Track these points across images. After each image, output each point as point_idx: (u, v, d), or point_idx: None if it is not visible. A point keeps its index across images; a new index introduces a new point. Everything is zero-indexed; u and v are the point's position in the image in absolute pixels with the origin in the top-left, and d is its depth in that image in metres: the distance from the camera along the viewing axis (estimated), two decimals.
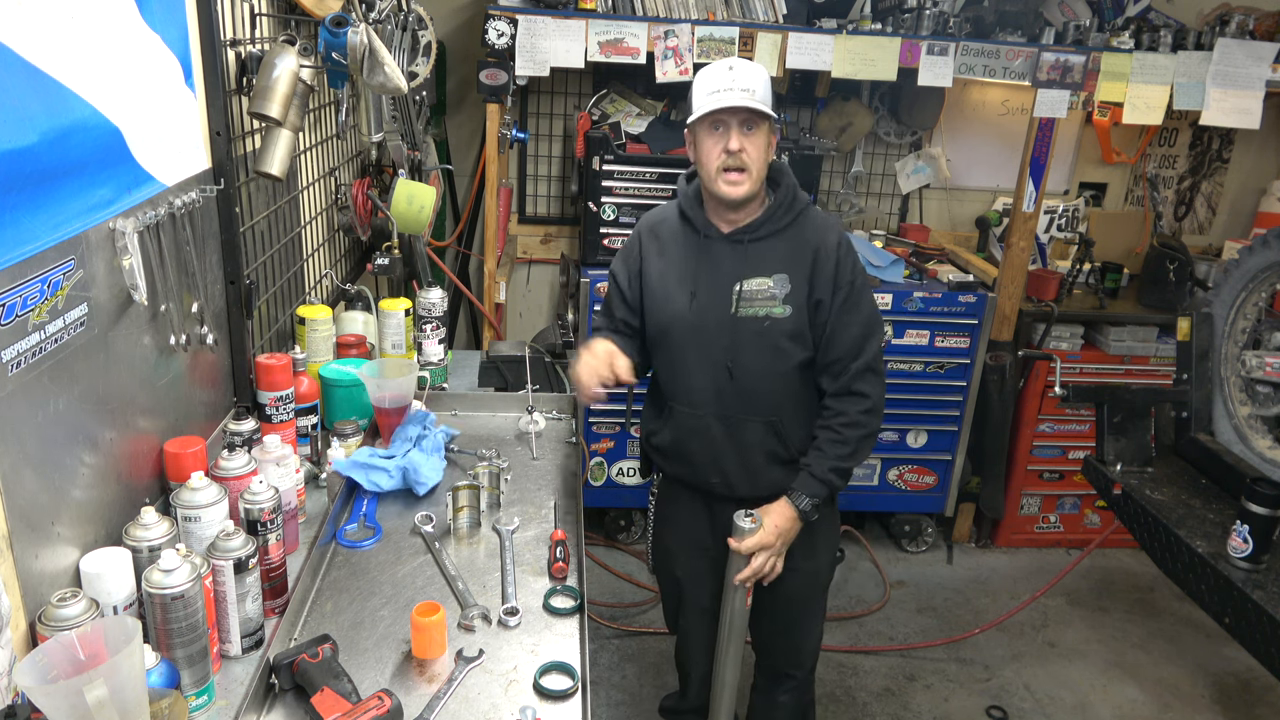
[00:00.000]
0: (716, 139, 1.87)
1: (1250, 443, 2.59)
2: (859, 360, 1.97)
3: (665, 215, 2.09)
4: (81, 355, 1.29)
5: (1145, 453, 2.71)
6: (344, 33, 1.82)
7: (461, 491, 1.80)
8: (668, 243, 2.04)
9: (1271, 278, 2.59)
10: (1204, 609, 2.29)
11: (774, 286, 1.95)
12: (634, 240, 2.10)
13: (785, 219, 1.98)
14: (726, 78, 1.85)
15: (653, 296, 2.04)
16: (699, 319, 1.98)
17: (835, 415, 1.99)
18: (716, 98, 1.84)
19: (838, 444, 1.98)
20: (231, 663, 1.39)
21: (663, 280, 2.02)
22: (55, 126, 1.21)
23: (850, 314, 1.96)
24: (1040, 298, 3.75)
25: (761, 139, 1.89)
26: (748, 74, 1.86)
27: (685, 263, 2.00)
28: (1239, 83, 3.30)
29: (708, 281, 1.97)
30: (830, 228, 2.01)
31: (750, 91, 1.84)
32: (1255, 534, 2.18)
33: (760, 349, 1.97)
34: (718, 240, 1.99)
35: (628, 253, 2.11)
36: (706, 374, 2.00)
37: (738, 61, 1.89)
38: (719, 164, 1.88)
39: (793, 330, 1.96)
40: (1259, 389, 2.64)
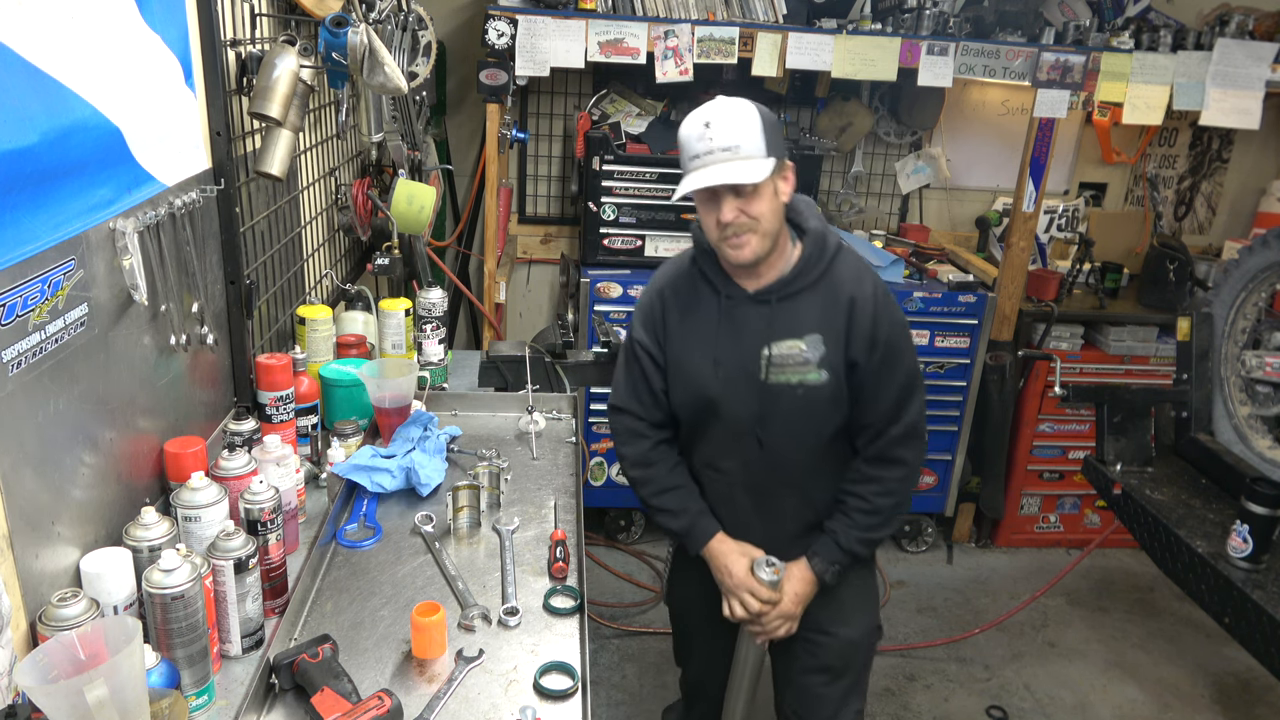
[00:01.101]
0: (709, 209, 1.67)
1: (1250, 443, 2.59)
2: (898, 425, 1.79)
3: (684, 271, 1.87)
4: (82, 355, 1.29)
5: (1145, 453, 2.71)
6: (344, 33, 1.82)
7: (461, 491, 1.80)
8: (688, 304, 1.83)
9: (1271, 278, 2.60)
10: (1204, 609, 2.29)
11: (807, 350, 1.74)
12: (654, 301, 1.87)
13: (816, 271, 1.76)
14: (704, 139, 1.62)
15: (676, 364, 1.84)
16: (725, 389, 1.78)
17: (868, 482, 1.83)
18: (697, 168, 1.63)
19: (868, 514, 1.82)
20: (231, 663, 1.39)
21: (685, 347, 1.82)
22: (55, 126, 1.21)
23: (888, 372, 1.76)
24: (1040, 298, 3.75)
25: (764, 194, 1.65)
26: (728, 127, 1.61)
27: (707, 326, 1.80)
28: (1239, 83, 3.30)
29: (732, 347, 1.77)
30: (864, 276, 1.79)
31: (733, 149, 1.60)
32: (1255, 534, 2.18)
33: (793, 418, 1.78)
34: (741, 301, 1.77)
35: (649, 316, 1.88)
36: (734, 445, 1.84)
37: (715, 111, 1.63)
38: (716, 235, 1.69)
39: (830, 397, 1.76)
40: (1259, 389, 2.64)
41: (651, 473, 1.91)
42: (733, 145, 1.61)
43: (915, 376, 1.83)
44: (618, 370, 1.95)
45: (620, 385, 1.93)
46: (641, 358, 1.87)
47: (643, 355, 1.87)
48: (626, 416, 1.91)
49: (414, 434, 2.04)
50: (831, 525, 1.86)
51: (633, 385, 1.89)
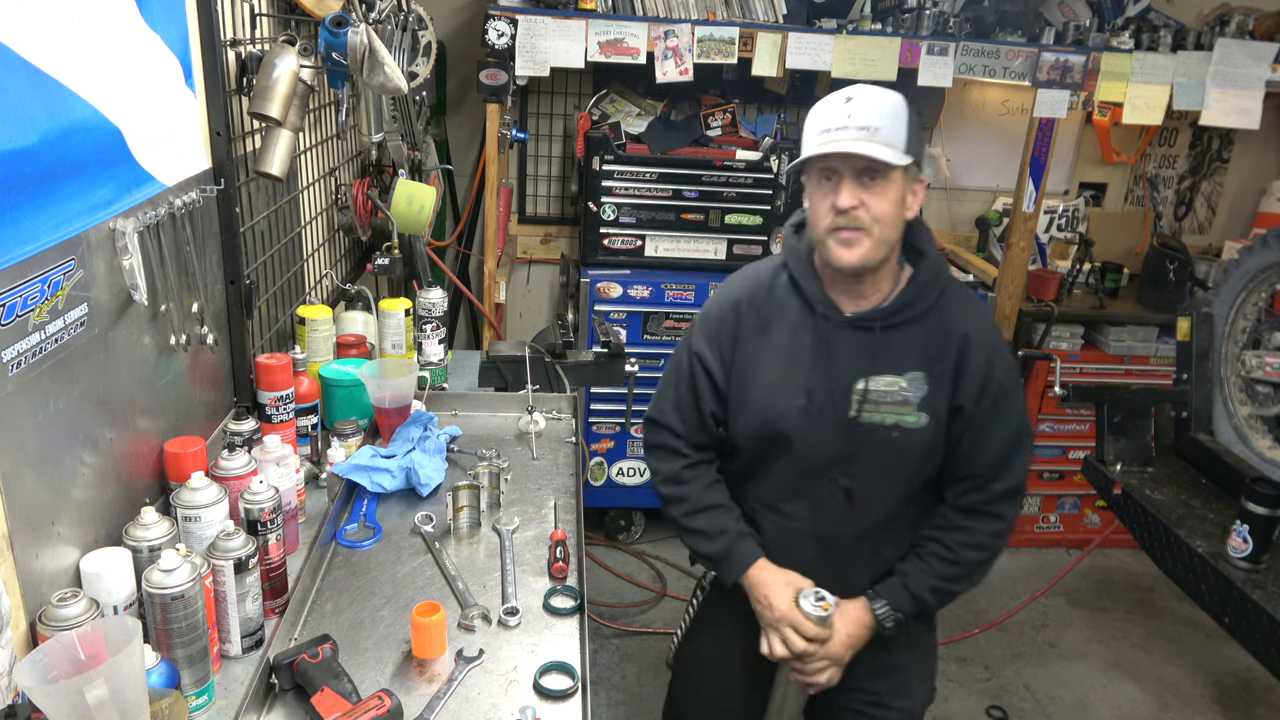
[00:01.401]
0: (825, 192, 1.48)
1: (1250, 443, 2.59)
2: (1004, 482, 1.59)
3: (767, 281, 1.64)
4: (82, 355, 1.29)
5: (1145, 453, 2.71)
6: (344, 33, 1.82)
7: (461, 491, 1.80)
8: (769, 321, 1.61)
9: (1271, 278, 2.60)
10: (1204, 609, 2.29)
11: (907, 388, 1.54)
12: (726, 313, 1.64)
13: (926, 301, 1.56)
14: (841, 112, 1.45)
15: (744, 389, 1.62)
16: (805, 423, 1.57)
17: (956, 530, 1.61)
18: (826, 138, 1.45)
19: (949, 563, 1.60)
20: (231, 663, 1.39)
21: (761, 370, 1.60)
22: (55, 126, 1.21)
23: (997, 423, 1.57)
24: (1040, 298, 3.75)
25: (890, 192, 1.46)
26: (869, 106, 1.45)
27: (793, 350, 1.58)
28: (1239, 83, 3.30)
29: (821, 376, 1.56)
30: (979, 313, 1.60)
31: (870, 130, 1.42)
32: (1255, 534, 2.18)
33: (882, 465, 1.58)
34: (839, 325, 1.56)
35: (716, 329, 1.65)
36: (806, 487, 1.63)
37: (860, 90, 1.47)
38: (827, 223, 1.48)
39: (927, 443, 1.57)
40: (1259, 389, 2.64)
41: (685, 490, 1.70)
42: (870, 125, 1.43)
43: (1026, 429, 1.62)
44: (664, 382, 1.75)
45: (665, 399, 1.73)
46: (697, 376, 1.66)
47: (699, 373, 1.66)
48: (665, 433, 1.72)
49: (414, 434, 2.04)
50: (903, 567, 1.64)
51: (679, 403, 1.69)
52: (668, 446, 1.73)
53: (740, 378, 1.63)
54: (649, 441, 1.77)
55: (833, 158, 1.45)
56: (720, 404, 1.66)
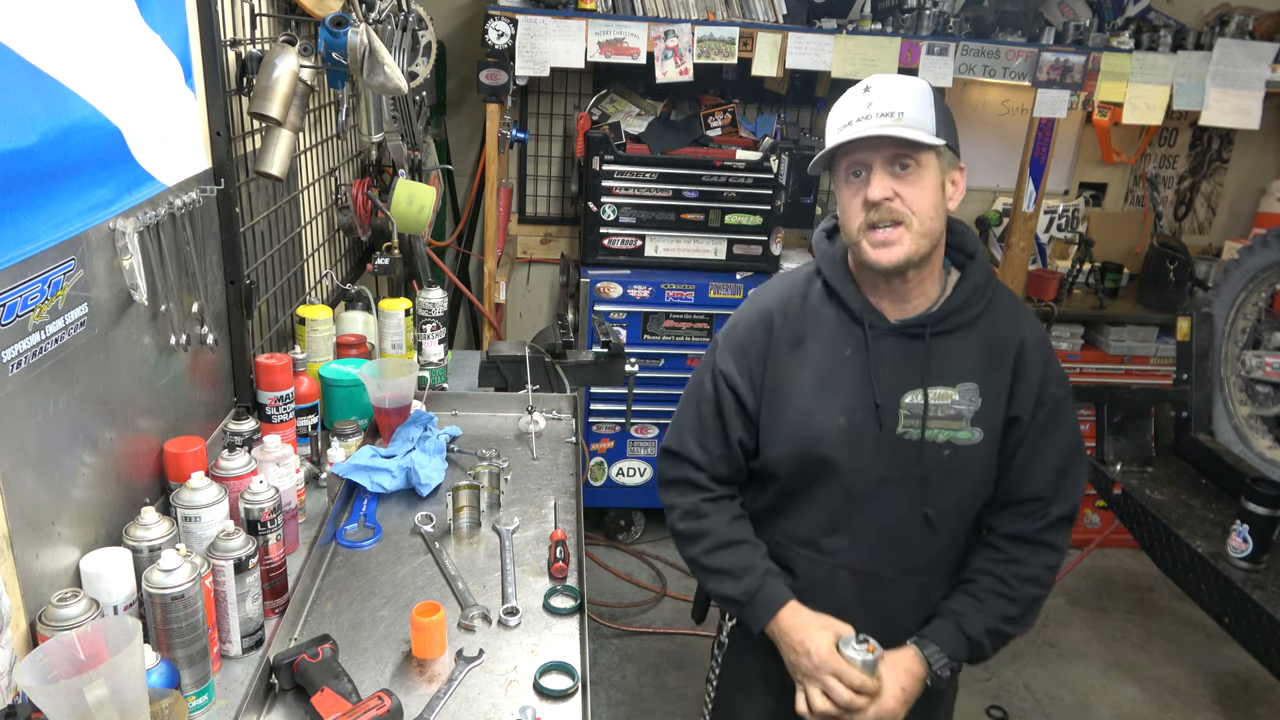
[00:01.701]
0: (855, 189, 1.37)
1: (1250, 443, 2.59)
2: (1061, 505, 1.45)
3: (800, 289, 1.50)
4: (82, 355, 1.29)
5: (1145, 453, 2.72)
6: (344, 33, 1.82)
7: (462, 491, 1.80)
8: (806, 333, 1.46)
9: (1271, 278, 2.60)
10: (1204, 609, 2.29)
11: (960, 401, 1.41)
12: (756, 326, 1.50)
13: (978, 305, 1.43)
14: (860, 102, 1.34)
15: (781, 412, 1.46)
16: (849, 444, 1.43)
17: (1011, 563, 1.46)
18: (848, 131, 1.34)
19: (1006, 600, 1.44)
20: (231, 663, 1.39)
21: (798, 387, 1.45)
22: (55, 126, 1.21)
23: (1050, 437, 1.44)
24: (1040, 298, 3.75)
25: (926, 179, 1.34)
26: (890, 92, 1.33)
27: (834, 364, 1.44)
28: (1239, 83, 3.30)
29: (867, 391, 1.42)
30: (1028, 316, 1.49)
31: (895, 115, 1.31)
32: (1255, 534, 2.18)
33: (935, 489, 1.44)
34: (884, 334, 1.43)
35: (745, 344, 1.50)
36: (851, 516, 1.47)
37: (879, 78, 1.36)
38: (860, 222, 1.35)
39: (983, 462, 1.44)
40: (1259, 389, 2.64)
41: (705, 524, 1.53)
42: (894, 110, 1.31)
43: (1080, 445, 1.49)
44: (683, 407, 1.58)
45: (684, 427, 1.56)
46: (724, 399, 1.50)
47: (725, 394, 1.50)
48: (685, 465, 1.55)
49: (414, 434, 2.04)
50: (955, 606, 1.46)
51: (702, 429, 1.53)
52: (687, 480, 1.56)
53: (773, 398, 1.47)
54: (666, 476, 1.60)
55: (858, 146, 1.32)
56: (750, 431, 1.50)
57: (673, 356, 3.56)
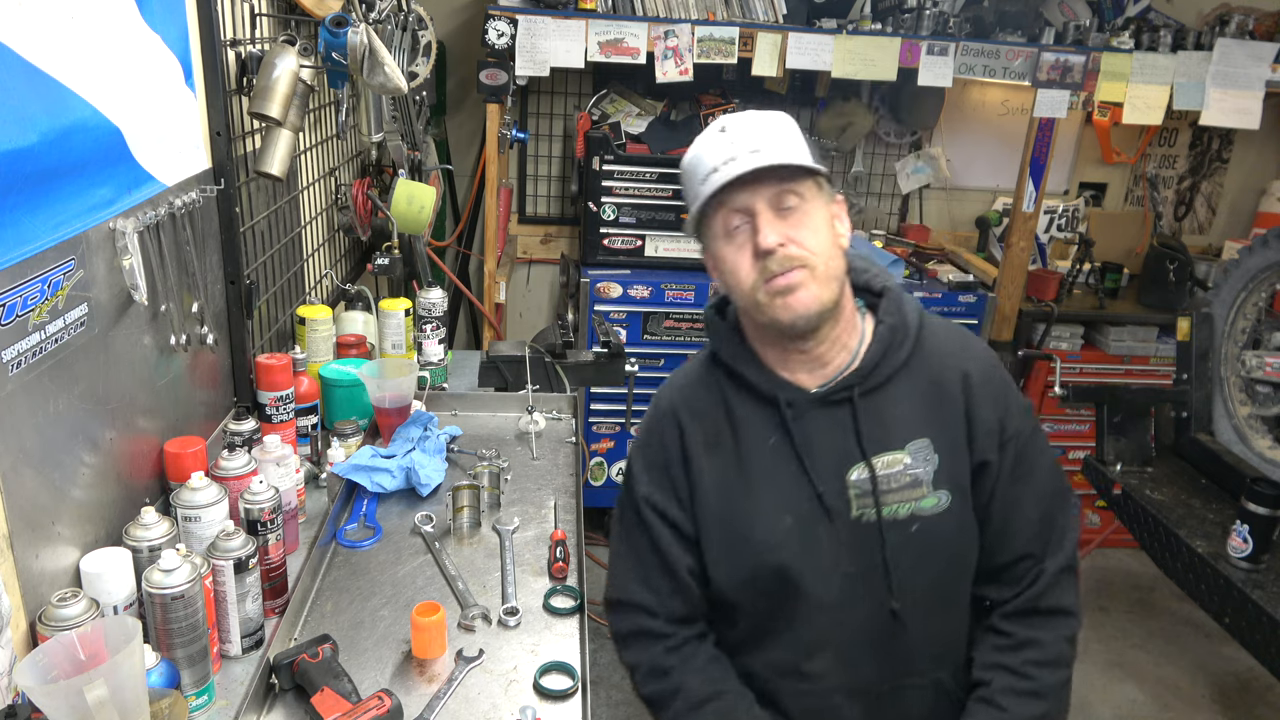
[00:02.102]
0: (739, 243, 1.18)
1: (1250, 443, 2.59)
2: (1054, 556, 1.25)
3: (702, 380, 1.32)
4: (82, 355, 1.29)
5: (1145, 453, 2.72)
6: (344, 33, 1.82)
7: (462, 491, 1.80)
8: (723, 427, 1.27)
9: (1271, 278, 2.60)
10: (1204, 609, 2.29)
11: (913, 463, 1.21)
12: (664, 433, 1.30)
13: (904, 346, 1.24)
14: (721, 145, 1.17)
15: (716, 525, 1.26)
16: (803, 548, 1.22)
17: (1023, 647, 1.24)
18: (712, 181, 1.16)
19: (1030, 699, 1.22)
20: (231, 663, 1.39)
21: (730, 495, 1.25)
22: (55, 126, 1.21)
23: (1025, 482, 1.25)
24: (1040, 298, 3.75)
25: (817, 217, 1.17)
26: (752, 129, 1.17)
27: (761, 457, 1.24)
28: (1239, 83, 3.30)
29: (802, 480, 1.23)
30: (969, 342, 1.30)
31: (758, 149, 1.15)
32: (1255, 534, 2.18)
33: (913, 570, 1.23)
34: (805, 408, 1.23)
35: (660, 458, 1.30)
36: (827, 631, 1.25)
37: (733, 119, 1.20)
38: (755, 278, 1.17)
39: (958, 528, 1.23)
40: (1259, 389, 2.64)
41: (673, 681, 1.30)
42: (764, 145, 1.15)
43: (1063, 483, 1.30)
44: (615, 548, 1.38)
45: (624, 570, 1.35)
46: (654, 526, 1.29)
47: (655, 522, 1.29)
48: (634, 613, 1.33)
49: (414, 434, 2.04)
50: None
51: (643, 568, 1.31)
52: (643, 632, 1.33)
53: (705, 514, 1.26)
54: (618, 630, 1.37)
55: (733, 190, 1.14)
56: (696, 555, 1.28)
57: (673, 356, 3.56)
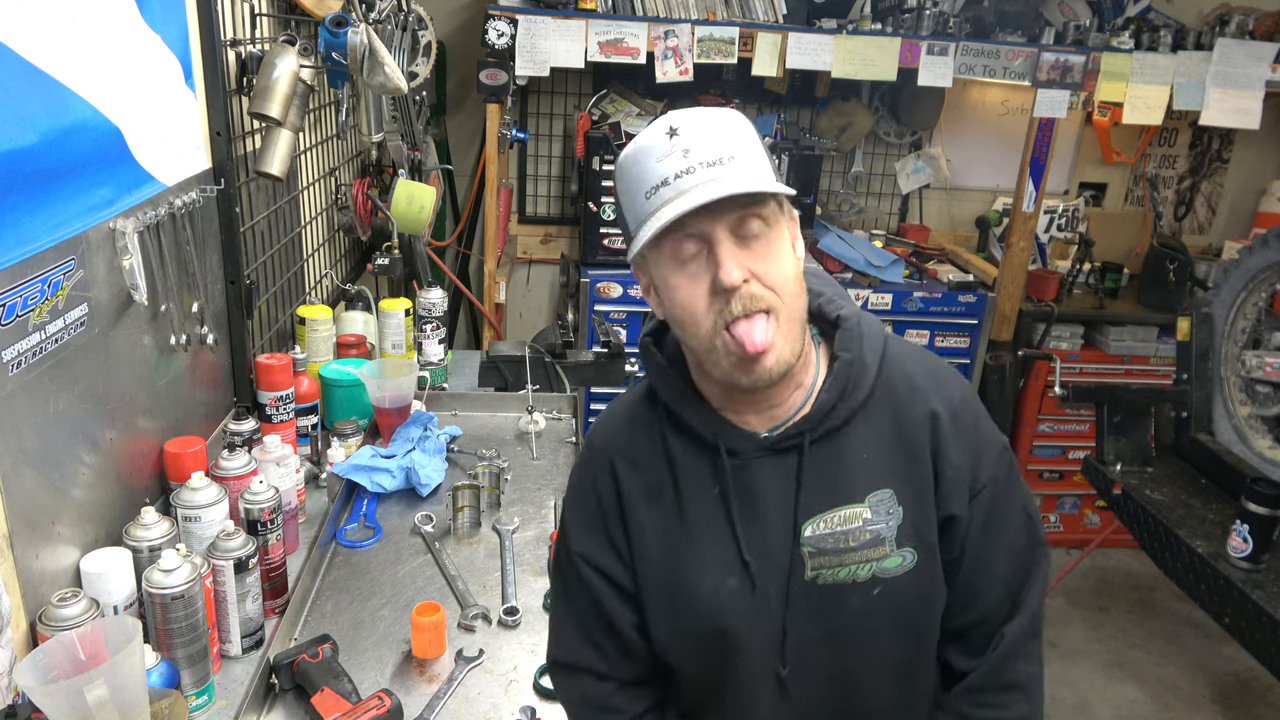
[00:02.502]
0: (692, 275, 0.98)
1: (1250, 443, 2.59)
2: (1020, 619, 1.09)
3: (641, 420, 1.14)
4: (82, 355, 1.29)
5: (1145, 453, 2.72)
6: (344, 33, 1.82)
7: (462, 491, 1.80)
8: (665, 475, 1.10)
9: (1271, 278, 2.60)
10: (1204, 609, 2.29)
11: (874, 518, 1.05)
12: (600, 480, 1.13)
13: (864, 382, 1.06)
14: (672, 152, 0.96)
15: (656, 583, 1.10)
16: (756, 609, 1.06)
17: None
18: (669, 194, 0.95)
19: None
20: (231, 663, 1.39)
21: (670, 551, 1.09)
22: (55, 126, 1.21)
23: (997, 535, 1.08)
24: (1040, 298, 3.75)
25: (781, 245, 1.00)
26: (709, 133, 0.97)
27: (706, 508, 1.08)
28: (1239, 83, 3.30)
29: (755, 535, 1.07)
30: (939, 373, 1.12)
31: (718, 163, 0.96)
32: (1255, 534, 2.18)
33: (876, 638, 1.07)
34: (751, 456, 1.07)
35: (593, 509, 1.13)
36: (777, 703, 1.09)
37: (685, 118, 0.98)
38: (713, 320, 0.98)
39: (924, 590, 1.07)
40: (1259, 389, 2.64)
41: None
42: (724, 156, 0.96)
43: (1035, 528, 1.12)
44: (554, 606, 1.22)
45: (565, 629, 1.18)
46: (592, 583, 1.13)
47: (593, 579, 1.13)
48: (580, 677, 1.17)
49: (414, 434, 2.04)
50: None
51: (585, 628, 1.15)
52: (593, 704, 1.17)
53: (645, 570, 1.11)
54: (565, 698, 1.22)
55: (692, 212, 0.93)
56: (640, 612, 1.13)
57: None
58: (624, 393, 1.21)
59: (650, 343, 1.16)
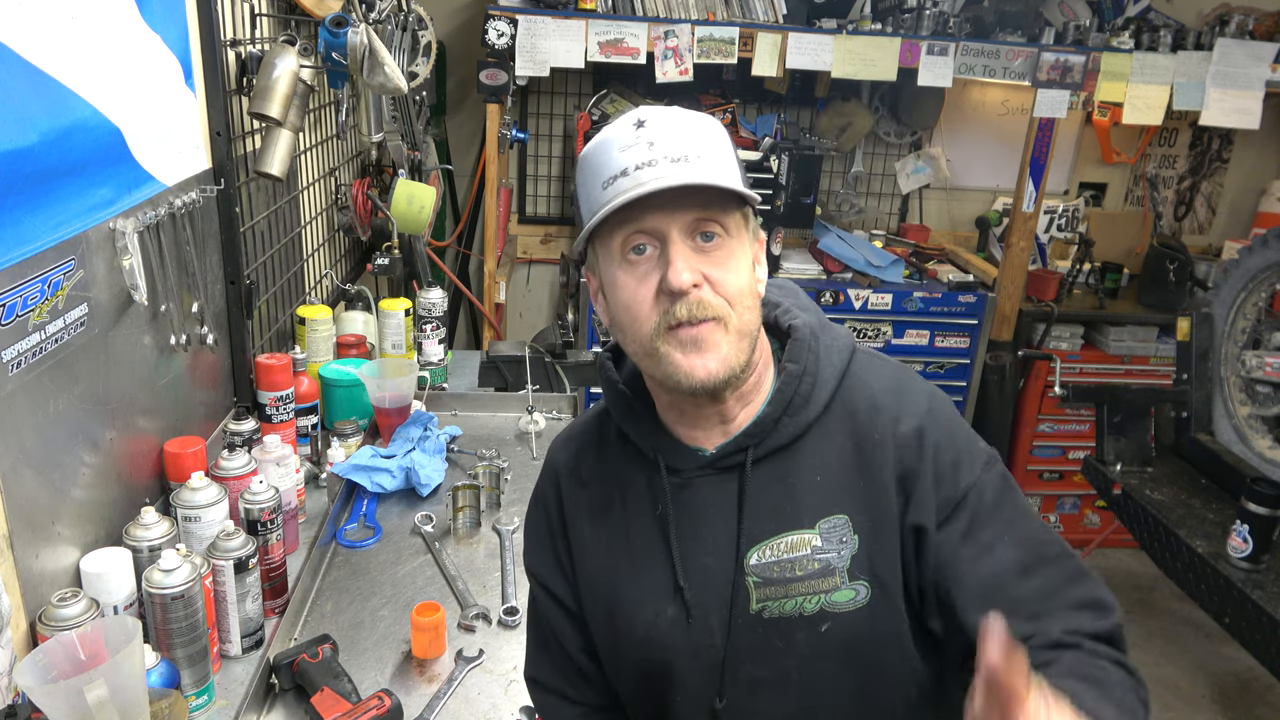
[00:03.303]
0: (641, 275, 0.91)
1: (1250, 443, 2.59)
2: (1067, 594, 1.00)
3: (594, 437, 1.10)
4: (82, 355, 1.29)
5: (1145, 453, 2.72)
6: (344, 33, 1.82)
7: (462, 491, 1.80)
8: (612, 493, 1.05)
9: (1271, 278, 2.60)
10: (1204, 609, 2.29)
11: (824, 546, 0.95)
12: (547, 495, 1.10)
13: (821, 393, 0.98)
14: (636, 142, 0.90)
15: (597, 606, 1.05)
16: (693, 641, 0.99)
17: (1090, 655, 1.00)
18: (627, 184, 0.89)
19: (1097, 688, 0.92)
20: (231, 663, 1.39)
21: (611, 575, 1.04)
22: (55, 126, 1.21)
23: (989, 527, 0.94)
24: (1040, 298, 3.75)
25: (739, 255, 0.93)
26: (676, 130, 0.91)
27: (648, 529, 1.02)
28: (1239, 83, 3.30)
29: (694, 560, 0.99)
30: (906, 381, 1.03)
31: (689, 159, 0.89)
32: (1255, 534, 2.18)
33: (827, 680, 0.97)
34: (693, 474, 1.00)
35: (544, 525, 1.10)
36: None
37: (654, 112, 0.92)
38: (656, 321, 0.91)
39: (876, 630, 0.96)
40: (1259, 389, 2.64)
41: None
42: (691, 154, 0.90)
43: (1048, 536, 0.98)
44: (527, 618, 1.19)
45: (531, 645, 1.17)
46: (539, 600, 1.11)
47: (541, 596, 1.10)
48: (553, 699, 1.14)
49: (414, 434, 2.04)
50: None
51: (546, 650, 1.13)
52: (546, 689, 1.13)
53: (587, 593, 1.06)
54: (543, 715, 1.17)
55: (648, 205, 0.88)
56: (588, 635, 1.08)
57: None
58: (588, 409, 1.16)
59: (608, 359, 1.08)
